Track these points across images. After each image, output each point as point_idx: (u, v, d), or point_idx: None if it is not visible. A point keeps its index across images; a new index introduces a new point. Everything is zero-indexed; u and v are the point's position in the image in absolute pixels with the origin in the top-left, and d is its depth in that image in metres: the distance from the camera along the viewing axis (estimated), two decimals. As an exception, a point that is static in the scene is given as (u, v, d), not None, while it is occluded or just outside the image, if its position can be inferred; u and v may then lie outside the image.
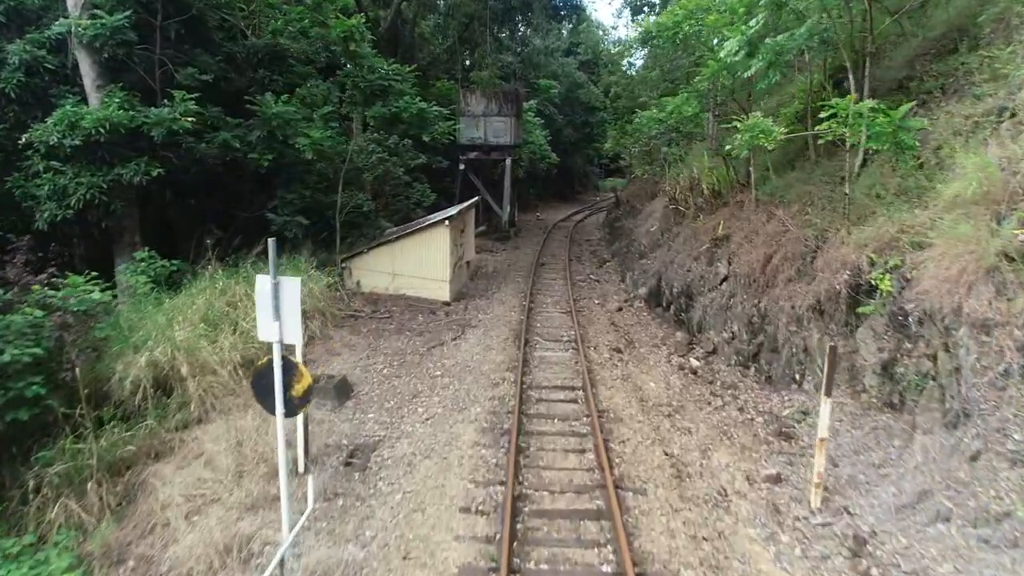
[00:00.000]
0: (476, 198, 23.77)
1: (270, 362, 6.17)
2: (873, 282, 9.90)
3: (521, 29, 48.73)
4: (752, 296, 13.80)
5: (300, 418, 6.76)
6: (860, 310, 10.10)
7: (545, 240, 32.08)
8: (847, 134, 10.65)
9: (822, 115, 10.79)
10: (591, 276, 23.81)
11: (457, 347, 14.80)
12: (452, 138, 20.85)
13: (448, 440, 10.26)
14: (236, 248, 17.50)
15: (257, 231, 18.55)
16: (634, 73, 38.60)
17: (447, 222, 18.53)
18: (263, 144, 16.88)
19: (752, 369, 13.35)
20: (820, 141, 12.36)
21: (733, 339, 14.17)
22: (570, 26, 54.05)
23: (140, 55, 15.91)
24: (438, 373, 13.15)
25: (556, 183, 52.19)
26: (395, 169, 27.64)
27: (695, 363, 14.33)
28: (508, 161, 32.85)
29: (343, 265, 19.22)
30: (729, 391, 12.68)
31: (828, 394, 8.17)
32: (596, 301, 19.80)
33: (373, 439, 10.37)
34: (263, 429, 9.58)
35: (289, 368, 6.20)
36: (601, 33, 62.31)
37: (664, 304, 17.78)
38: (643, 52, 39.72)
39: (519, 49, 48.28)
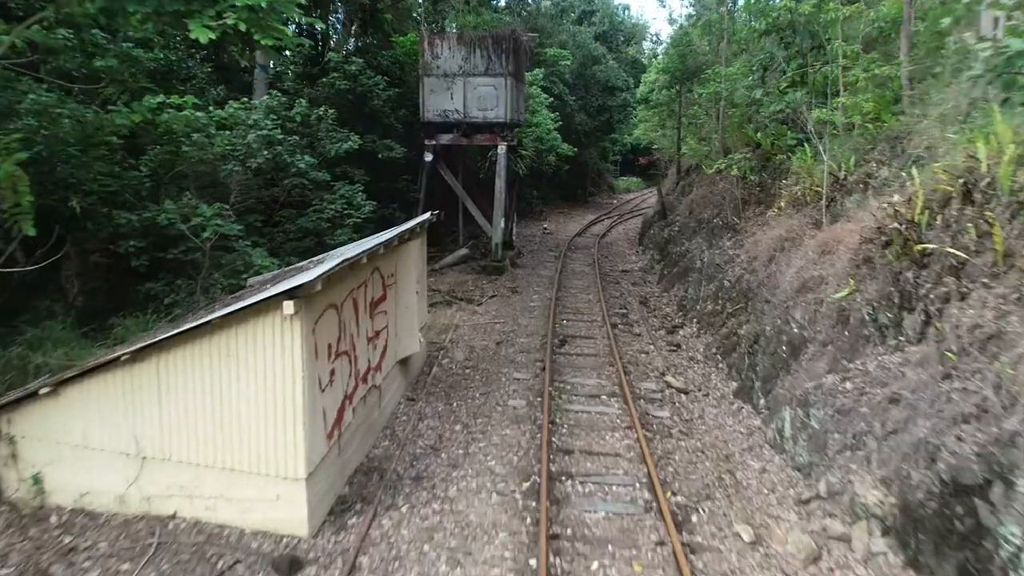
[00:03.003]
0: (425, 217, 10.76)
1: None
2: None
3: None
4: None
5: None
6: None
7: (560, 275, 18.98)
8: None
9: None
10: (665, 377, 10.74)
11: None
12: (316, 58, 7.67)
13: None
14: None
15: None
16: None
17: (289, 305, 5.55)
18: None
19: None
20: None
21: None
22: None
23: None
24: None
25: (565, 183, 39.12)
26: (295, 159, 14.71)
27: None
28: (502, 148, 19.78)
29: (-15, 432, 6.24)
30: None
31: None
32: (730, 514, 6.79)
33: None
34: None
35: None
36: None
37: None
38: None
39: (519, 9, 35.20)
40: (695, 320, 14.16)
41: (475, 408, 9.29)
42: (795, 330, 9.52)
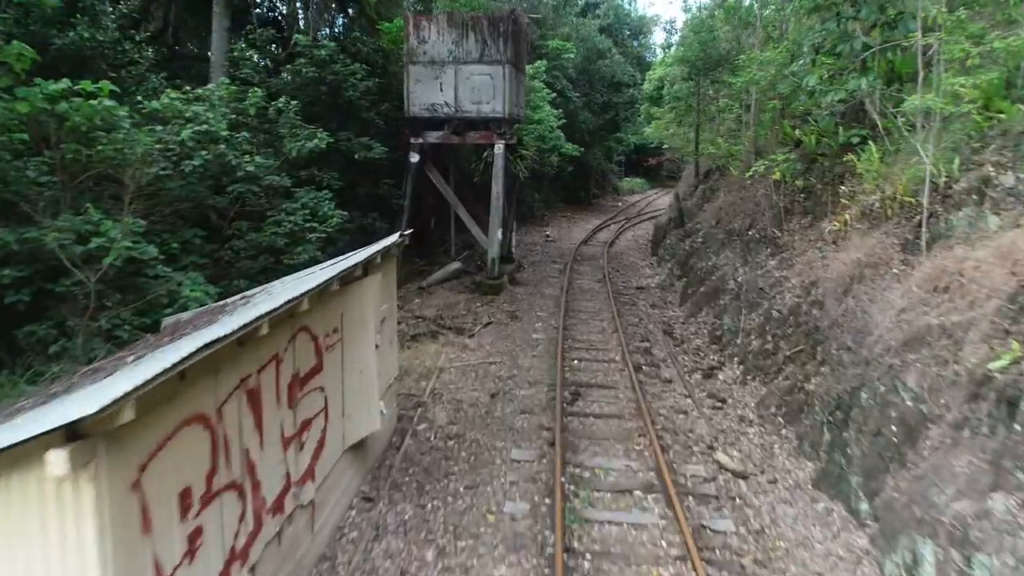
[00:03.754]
0: (390, 241, 8.01)
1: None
2: None
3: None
4: None
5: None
6: None
7: (567, 294, 16.14)
8: None
9: None
10: (715, 454, 7.93)
11: None
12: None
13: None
14: None
15: None
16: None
17: (60, 459, 2.75)
18: None
19: None
20: None
21: None
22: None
23: None
24: None
25: (568, 185, 36.28)
26: (243, 160, 11.91)
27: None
28: (500, 148, 16.93)
29: None
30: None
31: None
32: None
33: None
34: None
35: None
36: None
37: None
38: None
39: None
40: (736, 360, 11.34)
41: (457, 515, 6.46)
42: (908, 402, 6.70)
